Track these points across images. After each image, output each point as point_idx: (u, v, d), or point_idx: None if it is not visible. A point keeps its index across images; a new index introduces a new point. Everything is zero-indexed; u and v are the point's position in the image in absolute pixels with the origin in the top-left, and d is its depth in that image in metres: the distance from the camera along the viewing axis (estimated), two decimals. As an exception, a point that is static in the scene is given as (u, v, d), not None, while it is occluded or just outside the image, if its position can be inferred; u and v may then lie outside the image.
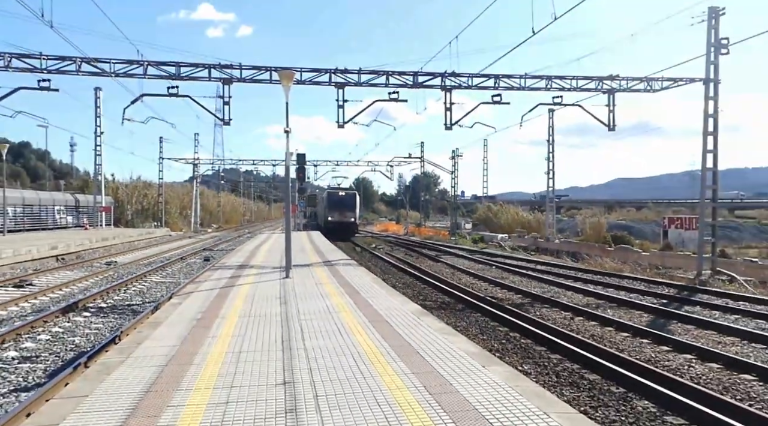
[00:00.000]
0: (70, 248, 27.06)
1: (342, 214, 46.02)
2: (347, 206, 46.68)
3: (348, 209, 46.63)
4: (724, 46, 20.95)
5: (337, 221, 45.58)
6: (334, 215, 45.94)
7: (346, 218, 46.18)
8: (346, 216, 46.17)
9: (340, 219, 45.86)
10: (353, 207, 47.08)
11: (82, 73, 21.07)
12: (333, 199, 47.25)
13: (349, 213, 46.45)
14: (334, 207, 46.42)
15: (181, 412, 4.61)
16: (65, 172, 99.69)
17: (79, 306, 12.87)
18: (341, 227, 44.95)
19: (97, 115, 43.38)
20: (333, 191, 49.68)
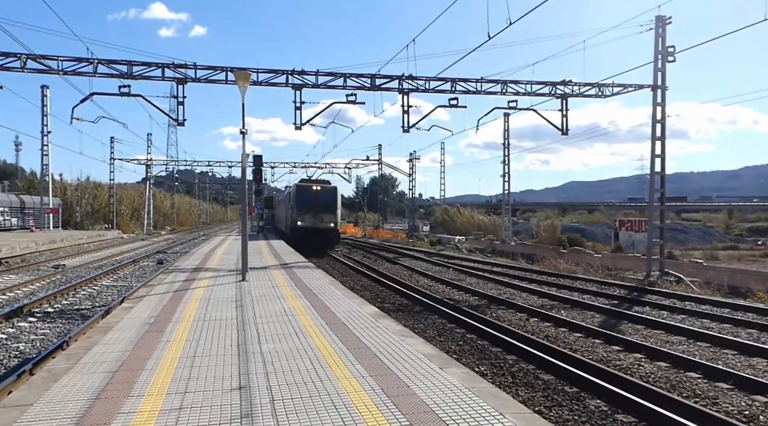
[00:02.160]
0: (14, 251, 26.07)
1: (317, 217, 32.47)
2: (325, 206, 32.95)
3: (326, 210, 32.91)
4: (671, 54, 21.70)
5: (310, 227, 32.06)
6: (306, 218, 32.47)
7: (324, 223, 32.53)
8: (323, 220, 32.51)
9: (315, 224, 32.29)
10: (333, 207, 33.49)
11: (27, 70, 20.33)
12: (305, 195, 33.15)
13: (327, 216, 32.77)
14: (307, 207, 32.70)
15: (132, 419, 4.48)
16: (9, 173, 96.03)
17: (24, 311, 12.40)
18: (316, 236, 31.76)
19: (44, 113, 42.02)
20: (305, 185, 34.84)
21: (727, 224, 78.65)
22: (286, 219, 37.48)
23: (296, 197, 32.99)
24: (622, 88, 24.58)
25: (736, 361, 9.81)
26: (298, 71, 22.20)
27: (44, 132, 42.40)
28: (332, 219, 32.83)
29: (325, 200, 32.97)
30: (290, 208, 34.31)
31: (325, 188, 34.15)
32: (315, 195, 32.85)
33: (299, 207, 32.44)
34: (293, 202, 33.43)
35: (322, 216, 32.36)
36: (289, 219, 34.32)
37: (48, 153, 42.85)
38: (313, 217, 32.13)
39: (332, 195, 33.76)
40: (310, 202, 32.45)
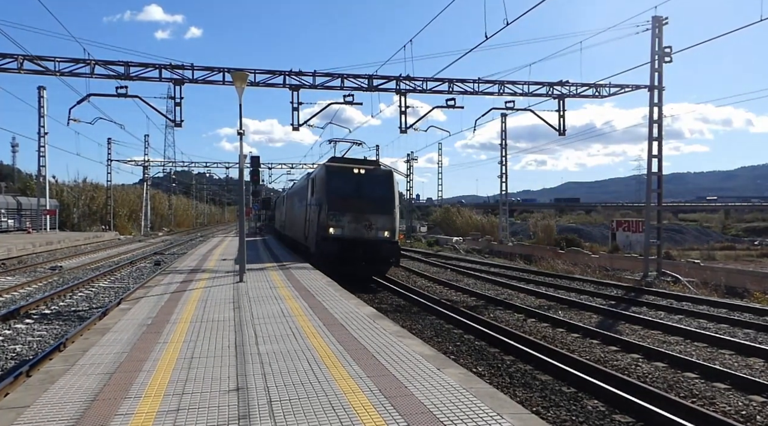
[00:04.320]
0: (11, 253, 26.00)
1: (364, 222, 19.09)
2: (377, 202, 19.50)
3: (379, 209, 19.46)
4: (667, 55, 21.74)
5: (351, 238, 18.94)
6: (346, 223, 19.11)
7: (375, 231, 19.20)
8: (373, 226, 19.18)
9: (360, 233, 19.09)
10: (390, 203, 19.72)
11: (24, 71, 20.32)
12: (342, 183, 19.56)
13: (380, 219, 19.33)
14: (345, 203, 19.23)
15: (130, 420, 4.47)
16: (6, 174, 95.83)
17: (21, 313, 12.36)
18: (363, 254, 18.85)
19: (41, 115, 41.91)
20: (340, 166, 20.50)
21: (724, 224, 78.90)
22: (306, 224, 21.47)
23: (326, 187, 19.04)
24: (619, 88, 24.64)
25: (733, 361, 9.82)
26: (295, 72, 22.20)
27: (41, 133, 42.29)
28: (388, 224, 18.94)
29: (377, 192, 19.24)
30: (314, 205, 19.98)
31: (375, 172, 19.97)
32: (358, 183, 19.25)
33: (332, 204, 18.78)
34: (320, 195, 19.36)
35: (371, 219, 18.76)
36: (313, 224, 19.82)
37: (45, 154, 42.76)
38: (356, 221, 18.61)
39: (386, 184, 19.60)
40: (351, 196, 18.88)
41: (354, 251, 18.51)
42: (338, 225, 18.79)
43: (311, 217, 20.50)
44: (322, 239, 18.76)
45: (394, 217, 19.37)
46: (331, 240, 18.65)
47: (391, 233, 19.18)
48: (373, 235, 18.90)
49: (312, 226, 20.27)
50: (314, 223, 19.75)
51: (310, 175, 23.37)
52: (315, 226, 19.57)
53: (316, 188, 20.37)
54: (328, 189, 19.15)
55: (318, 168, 21.95)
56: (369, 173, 19.95)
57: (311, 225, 20.40)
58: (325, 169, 19.89)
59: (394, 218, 19.42)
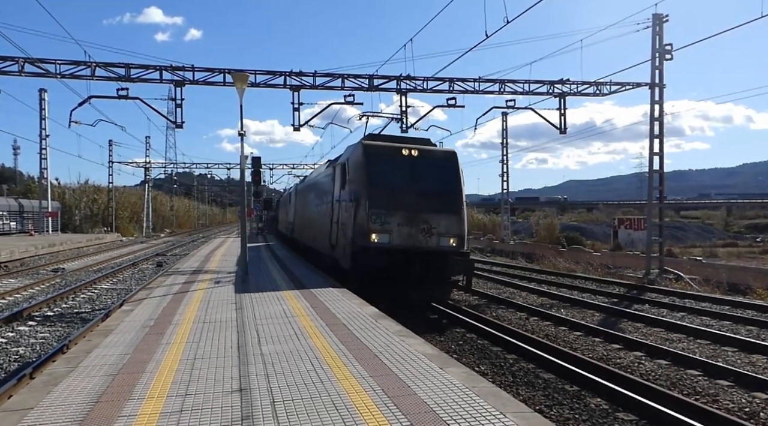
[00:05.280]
0: (13, 255, 26.03)
1: (420, 224, 13.27)
2: (439, 197, 13.71)
3: (441, 205, 13.62)
4: (668, 52, 21.72)
5: (403, 248, 13.16)
6: (394, 226, 13.20)
7: (435, 237, 13.35)
8: (432, 229, 13.33)
9: (417, 240, 13.25)
10: (455, 198, 13.87)
11: (25, 73, 20.37)
12: (390, 169, 13.71)
13: (444, 219, 13.50)
14: (394, 198, 13.32)
15: (133, 421, 4.47)
16: (8, 177, 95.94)
17: (24, 315, 12.38)
18: (420, 269, 13.21)
19: (42, 117, 41.92)
20: (385, 146, 14.32)
21: (726, 221, 78.76)
22: (332, 228, 15.57)
23: (365, 175, 13.56)
24: (620, 86, 24.62)
25: (736, 359, 9.82)
26: (296, 72, 22.21)
27: (42, 135, 42.31)
28: (455, 227, 13.62)
29: (438, 182, 13.92)
30: (345, 202, 14.39)
31: (434, 154, 14.53)
32: (411, 169, 13.80)
33: (376, 199, 13.29)
34: (357, 186, 13.79)
35: (431, 221, 13.37)
36: (345, 229, 14.11)
37: (46, 156, 42.76)
38: (410, 222, 13.26)
39: (450, 170, 14.28)
40: (402, 188, 13.50)
41: (407, 267, 12.81)
42: (384, 229, 12.83)
43: (341, 218, 14.30)
44: (361, 250, 12.75)
45: (461, 217, 13.37)
46: (374, 251, 12.62)
47: (458, 241, 13.25)
48: (433, 243, 13.03)
49: (344, 231, 13.89)
50: (347, 227, 13.49)
51: (335, 161, 16.86)
52: (349, 230, 13.35)
53: (349, 177, 14.01)
54: (368, 177, 13.10)
55: (351, 149, 14.82)
56: (426, 155, 13.84)
57: (342, 229, 14.06)
58: (362, 150, 13.51)
59: (462, 219, 13.45)
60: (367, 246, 12.93)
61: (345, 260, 13.85)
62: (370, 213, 12.97)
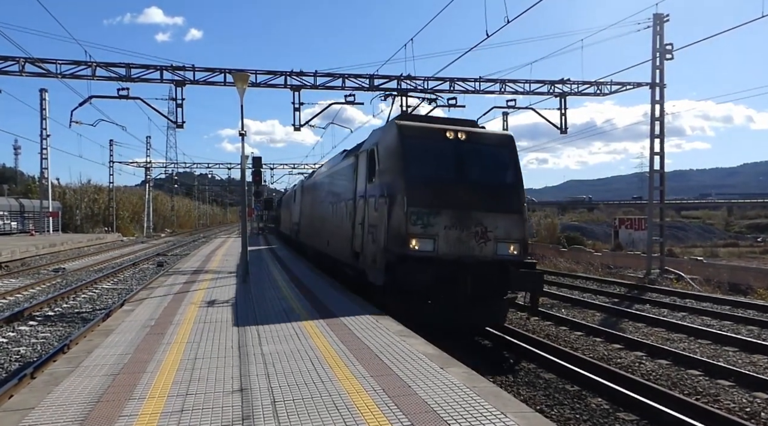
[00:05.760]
0: (14, 255, 26.04)
1: (473, 223, 10.13)
2: (494, 190, 10.67)
3: (499, 203, 10.49)
4: (669, 52, 21.72)
5: (452, 258, 9.98)
6: (440, 227, 10.05)
7: (490, 243, 10.21)
8: (489, 233, 10.19)
9: (468, 248, 10.09)
10: (514, 193, 10.77)
11: (26, 73, 20.38)
12: (431, 150, 10.66)
13: (502, 221, 10.34)
14: (441, 192, 10.26)
15: (134, 421, 4.48)
16: (8, 177, 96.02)
17: (25, 315, 12.39)
18: (474, 292, 10.02)
19: (43, 117, 41.96)
20: (427, 128, 11.07)
21: (727, 221, 78.68)
22: (355, 231, 12.52)
23: (402, 163, 10.47)
24: (621, 86, 24.61)
25: (737, 358, 9.81)
26: (296, 72, 22.22)
27: (43, 135, 42.34)
28: (516, 230, 10.56)
29: (493, 173, 11.12)
30: (375, 198, 11.22)
31: (486, 138, 11.41)
32: (458, 157, 10.79)
33: (416, 195, 10.15)
34: (391, 178, 10.70)
35: (486, 222, 10.30)
36: (377, 233, 10.82)
37: (47, 156, 42.79)
38: (459, 224, 10.16)
39: (507, 158, 11.19)
40: (448, 180, 10.55)
41: (456, 282, 9.83)
42: (427, 233, 9.94)
43: (369, 218, 11.25)
44: (398, 260, 9.81)
45: (523, 217, 10.63)
46: (414, 262, 9.71)
47: (520, 248, 10.46)
48: (489, 250, 10.12)
49: (373, 235, 10.90)
50: (378, 231, 10.59)
51: (356, 149, 13.81)
52: (381, 235, 10.41)
53: (379, 168, 11.11)
54: (406, 166, 10.25)
55: (380, 132, 11.90)
56: (476, 139, 10.92)
57: (371, 233, 11.05)
58: (397, 131, 10.60)
59: (525, 220, 10.74)
60: (406, 255, 9.71)
61: (375, 273, 10.57)
62: (410, 212, 9.83)
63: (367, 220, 11.45)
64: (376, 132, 12.54)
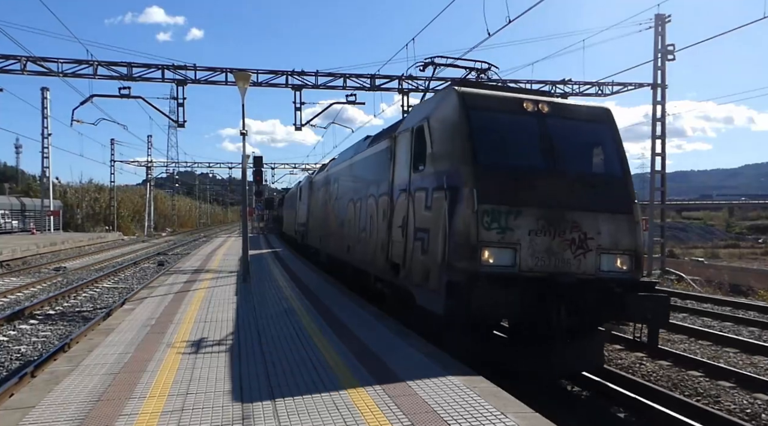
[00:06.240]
0: (15, 254, 26.06)
1: (568, 227, 7.28)
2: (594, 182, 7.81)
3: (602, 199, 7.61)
4: (670, 52, 21.71)
5: (542, 275, 7.09)
6: (523, 232, 7.13)
7: (591, 254, 7.35)
8: (589, 240, 7.35)
9: (561, 263, 7.22)
10: (620, 186, 7.94)
11: (27, 72, 20.41)
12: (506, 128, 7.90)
13: (607, 223, 7.48)
14: (524, 184, 7.36)
15: (135, 420, 4.48)
16: (10, 176, 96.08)
17: (26, 313, 12.40)
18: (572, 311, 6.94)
19: (44, 116, 42.02)
20: (501, 97, 8.17)
21: (728, 222, 78.66)
22: (397, 234, 9.19)
23: (466, 142, 7.48)
24: (622, 86, 24.61)
25: (737, 360, 9.80)
26: (297, 72, 22.23)
27: (45, 134, 42.42)
28: (626, 236, 7.63)
29: (589, 159, 8.34)
30: (428, 191, 8.10)
31: (576, 112, 8.41)
32: (543, 135, 7.84)
33: (488, 185, 7.20)
34: (451, 163, 7.63)
35: (586, 224, 7.40)
36: (433, 238, 7.71)
37: (48, 155, 42.86)
38: (549, 228, 7.24)
39: (607, 138, 8.27)
40: (532, 167, 7.68)
41: (546, 310, 7.01)
42: (505, 241, 7.25)
43: (417, 219, 8.44)
44: (468, 279, 6.96)
45: (635, 218, 7.94)
46: (489, 282, 6.90)
47: (632, 262, 7.74)
48: (590, 265, 7.45)
49: (425, 243, 8.08)
50: (435, 237, 7.75)
51: (390, 130, 11.10)
52: (438, 243, 7.58)
53: (433, 151, 8.29)
54: (474, 148, 7.54)
55: (430, 105, 9.16)
56: (564, 113, 8.29)
57: (422, 241, 8.20)
58: (458, 101, 7.90)
59: (636, 222, 7.96)
60: (476, 272, 6.92)
61: (429, 296, 7.67)
62: (481, 211, 7.00)
63: (412, 222, 8.46)
64: (423, 105, 9.71)
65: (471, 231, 7.02)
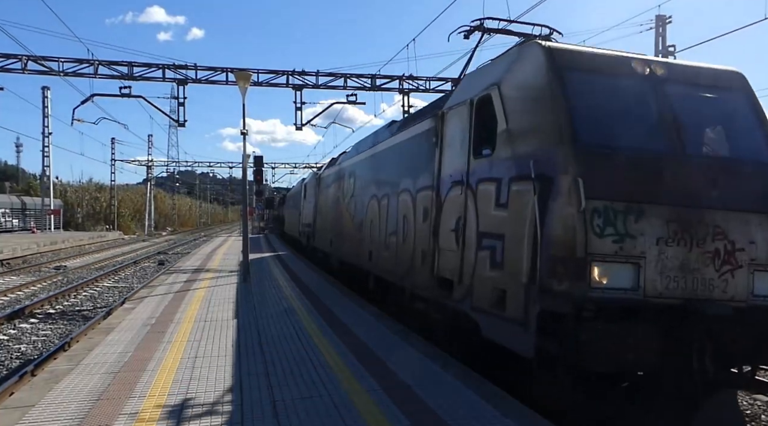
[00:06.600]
0: (16, 252, 26.07)
1: (708, 231, 5.04)
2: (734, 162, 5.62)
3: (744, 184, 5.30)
4: (671, 53, 21.71)
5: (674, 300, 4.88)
6: (651, 241, 4.90)
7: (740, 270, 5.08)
8: (736, 249, 5.09)
9: (705, 284, 4.98)
10: None
11: (28, 71, 20.43)
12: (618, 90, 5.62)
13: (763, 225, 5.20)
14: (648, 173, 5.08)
15: (134, 419, 4.48)
16: (10, 174, 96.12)
17: (26, 312, 12.39)
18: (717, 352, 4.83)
19: (45, 115, 42.04)
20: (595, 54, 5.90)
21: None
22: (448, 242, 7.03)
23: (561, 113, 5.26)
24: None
25: (737, 361, 9.77)
26: (298, 72, 22.25)
27: (45, 133, 42.43)
28: None
29: (727, 138, 5.97)
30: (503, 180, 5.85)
31: (701, 76, 6.07)
32: (666, 106, 5.63)
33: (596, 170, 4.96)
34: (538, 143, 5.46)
35: (731, 230, 5.15)
36: (516, 248, 5.46)
37: (49, 154, 42.88)
38: (683, 235, 5.02)
39: (746, 109, 6.03)
40: (652, 149, 5.35)
41: (683, 351, 4.87)
42: (623, 253, 4.89)
43: (484, 220, 6.20)
44: (575, 308, 4.74)
45: None
46: (606, 314, 4.76)
47: None
48: (740, 288, 5.15)
49: (499, 253, 5.80)
50: (515, 245, 5.50)
51: (437, 107, 8.56)
52: (523, 254, 5.32)
53: (510, 127, 5.95)
54: (573, 122, 5.22)
55: (504, 62, 6.63)
56: (685, 75, 6.10)
57: (496, 250, 5.85)
58: (545, 58, 5.65)
59: None
60: (585, 298, 4.86)
61: (506, 328, 5.62)
62: (590, 210, 4.91)
63: (473, 225, 6.35)
64: (484, 70, 7.14)
65: (576, 238, 4.82)
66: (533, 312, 5.07)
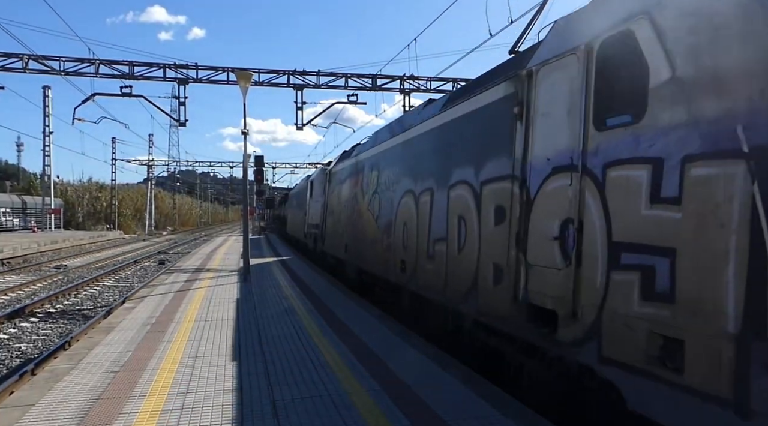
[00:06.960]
0: (16, 252, 26.09)
1: None
2: None
3: None
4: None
5: None
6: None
7: None
8: None
9: None
10: None
11: (29, 70, 20.44)
12: None
13: None
14: None
15: (134, 419, 4.48)
16: (11, 174, 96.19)
17: (26, 311, 12.40)
18: None
19: (46, 114, 42.06)
20: None
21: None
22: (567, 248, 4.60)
23: None
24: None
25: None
26: (299, 71, 22.26)
27: (46, 132, 42.46)
28: None
29: None
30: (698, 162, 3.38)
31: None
32: None
33: None
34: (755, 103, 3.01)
35: None
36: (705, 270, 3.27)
37: (50, 153, 42.91)
38: None
39: None
40: None
41: None
42: None
43: (619, 228, 4.06)
44: None
45: None
46: None
47: None
48: None
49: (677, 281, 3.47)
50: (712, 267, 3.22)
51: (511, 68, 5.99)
52: (725, 281, 3.13)
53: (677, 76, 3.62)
54: None
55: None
56: None
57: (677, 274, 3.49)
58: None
59: None
60: None
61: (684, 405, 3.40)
62: None
63: (600, 231, 4.30)
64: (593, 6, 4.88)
65: None
66: (760, 384, 2.97)
